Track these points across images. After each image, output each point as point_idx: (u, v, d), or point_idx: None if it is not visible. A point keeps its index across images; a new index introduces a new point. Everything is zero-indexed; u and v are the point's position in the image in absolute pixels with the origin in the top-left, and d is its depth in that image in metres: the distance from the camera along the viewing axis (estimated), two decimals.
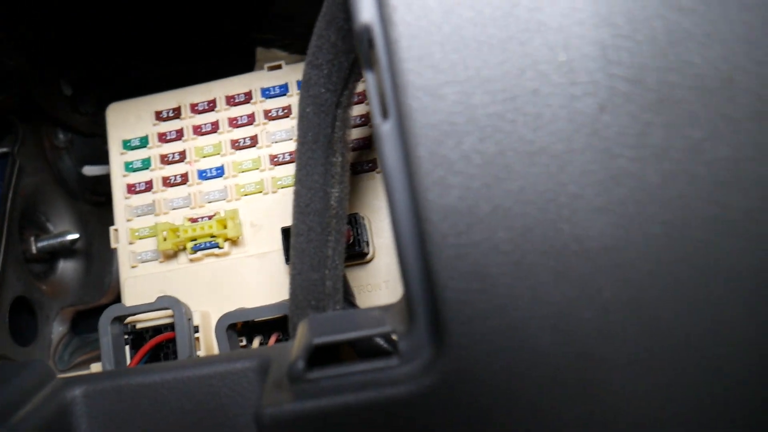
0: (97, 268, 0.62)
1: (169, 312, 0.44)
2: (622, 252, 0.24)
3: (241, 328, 0.44)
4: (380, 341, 0.30)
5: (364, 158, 0.47)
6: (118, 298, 0.62)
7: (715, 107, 0.22)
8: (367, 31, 0.25)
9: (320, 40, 0.33)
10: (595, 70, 0.23)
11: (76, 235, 0.57)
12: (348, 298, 0.39)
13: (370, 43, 0.25)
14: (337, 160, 0.35)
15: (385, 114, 0.26)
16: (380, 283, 0.46)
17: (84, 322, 0.58)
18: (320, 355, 0.28)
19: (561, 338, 0.24)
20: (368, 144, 0.47)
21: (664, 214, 0.23)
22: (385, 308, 0.31)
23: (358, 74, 0.35)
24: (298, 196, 0.35)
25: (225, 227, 0.46)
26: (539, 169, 0.24)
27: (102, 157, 0.60)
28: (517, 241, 0.24)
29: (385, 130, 0.25)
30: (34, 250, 0.56)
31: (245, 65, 0.52)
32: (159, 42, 0.55)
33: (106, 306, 0.60)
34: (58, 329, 0.56)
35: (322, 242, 0.34)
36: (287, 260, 0.44)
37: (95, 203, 0.63)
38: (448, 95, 0.24)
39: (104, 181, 0.60)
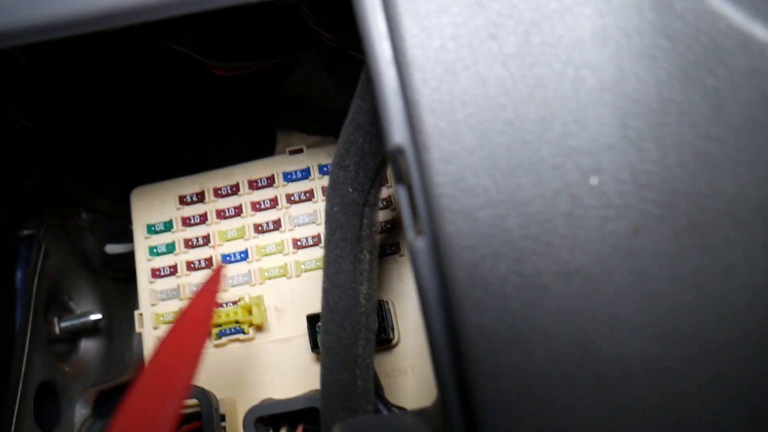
0: (118, 344, 0.62)
1: (194, 401, 0.44)
2: (662, 372, 0.24)
3: (267, 417, 0.44)
4: None
5: (388, 241, 0.47)
6: None
7: (750, 233, 0.22)
8: (399, 151, 0.26)
9: (347, 144, 0.34)
10: (627, 193, 0.24)
11: (99, 316, 0.57)
12: (378, 392, 0.39)
13: (403, 163, 0.26)
14: (365, 257, 0.36)
15: (417, 229, 0.26)
16: (406, 368, 0.45)
17: (106, 403, 0.58)
18: None
19: None
20: (391, 227, 0.48)
21: (703, 335, 0.23)
22: (419, 413, 0.31)
23: (384, 173, 0.35)
24: (326, 294, 0.36)
25: (250, 313, 0.46)
26: (576, 290, 0.24)
27: (124, 235, 0.60)
28: (556, 361, 0.24)
29: (420, 247, 0.26)
30: (57, 331, 0.56)
31: (265, 148, 0.52)
32: (180, 127, 0.56)
33: (127, 384, 0.61)
34: (80, 412, 0.55)
35: (352, 341, 0.35)
36: (312, 348, 0.45)
37: (116, 279, 0.63)
38: (483, 218, 0.24)
39: (126, 258, 0.61)
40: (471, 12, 0.24)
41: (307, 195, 0.49)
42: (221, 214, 0.50)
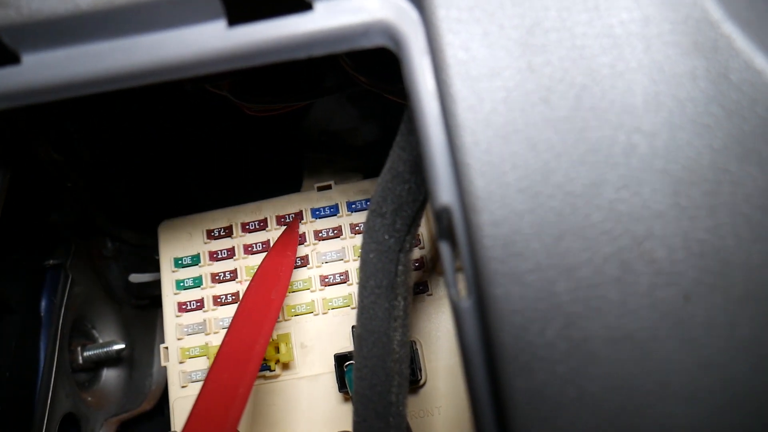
0: (139, 372, 0.62)
1: None
2: None
3: None
4: None
5: (416, 280, 0.47)
6: (159, 403, 0.62)
7: None
8: (445, 210, 0.26)
9: (385, 191, 0.34)
10: (679, 261, 0.23)
11: (122, 345, 0.57)
12: None
13: (449, 222, 0.26)
14: (400, 303, 0.35)
15: (461, 288, 0.26)
16: (432, 409, 0.45)
17: None
18: None
19: None
20: (419, 266, 0.48)
21: (755, 405, 0.23)
22: None
23: (420, 220, 0.35)
24: (360, 340, 0.35)
25: (278, 351, 0.46)
26: (625, 356, 0.24)
27: (147, 264, 0.60)
28: (603, 427, 0.24)
29: (465, 307, 0.26)
30: (80, 360, 0.56)
31: (292, 184, 0.53)
32: (207, 161, 0.56)
33: (147, 414, 0.61)
34: None
35: (386, 388, 0.34)
36: (340, 388, 0.44)
37: (138, 306, 0.63)
38: (531, 282, 0.24)
39: (148, 286, 0.61)
40: (523, 76, 0.24)
41: (336, 232, 0.49)
42: (249, 249, 0.50)
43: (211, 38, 0.27)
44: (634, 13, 0.24)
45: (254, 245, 0.50)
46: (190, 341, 0.49)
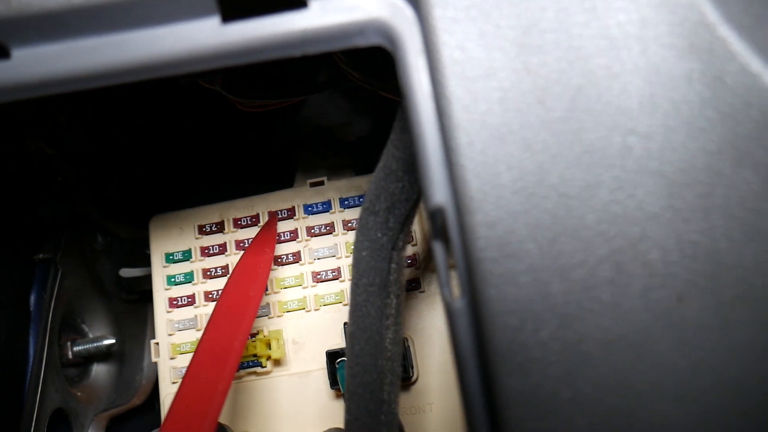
0: (129, 367, 0.61)
1: None
2: None
3: None
4: None
5: (408, 277, 0.47)
6: (149, 398, 0.62)
7: None
8: (440, 212, 0.26)
9: (378, 190, 0.34)
10: (672, 262, 0.24)
11: (112, 340, 0.57)
12: None
13: (443, 222, 0.26)
14: (392, 301, 0.35)
15: (454, 289, 0.26)
16: (424, 405, 0.45)
17: (117, 429, 0.58)
18: None
19: None
20: (411, 263, 0.47)
21: (747, 406, 0.23)
22: None
23: (413, 218, 0.35)
24: (352, 338, 0.35)
25: (269, 347, 0.46)
26: (618, 357, 0.24)
27: (138, 258, 0.60)
28: (596, 427, 0.24)
29: (458, 308, 0.26)
30: (70, 355, 0.56)
31: (285, 179, 0.52)
32: (199, 156, 0.56)
33: (137, 409, 0.61)
34: None
35: (378, 387, 0.34)
36: (332, 384, 0.44)
37: (128, 301, 0.63)
38: (525, 283, 0.24)
39: (139, 281, 0.60)
40: (518, 77, 0.24)
41: (328, 228, 0.49)
42: (240, 245, 0.50)
43: (205, 35, 0.27)
44: (632, 15, 0.24)
45: (246, 241, 0.49)
46: (181, 337, 0.49)
